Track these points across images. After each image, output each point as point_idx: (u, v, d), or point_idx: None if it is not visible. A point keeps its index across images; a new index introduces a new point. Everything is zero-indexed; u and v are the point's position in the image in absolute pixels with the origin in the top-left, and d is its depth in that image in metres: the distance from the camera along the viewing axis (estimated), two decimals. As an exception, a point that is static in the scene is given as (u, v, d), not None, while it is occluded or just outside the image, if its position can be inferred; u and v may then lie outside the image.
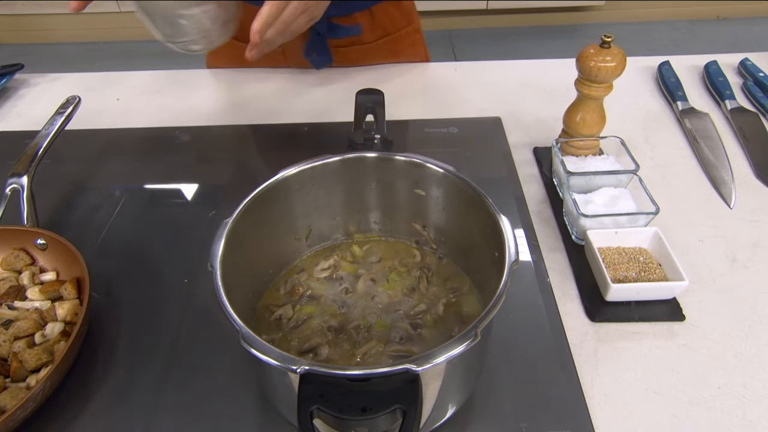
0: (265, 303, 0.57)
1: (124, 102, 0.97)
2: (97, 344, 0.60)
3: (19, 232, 0.65)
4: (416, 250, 0.62)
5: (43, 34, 3.12)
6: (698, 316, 0.60)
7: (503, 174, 0.78)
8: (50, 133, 0.73)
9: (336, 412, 0.37)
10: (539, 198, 0.75)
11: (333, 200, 0.59)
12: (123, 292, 0.66)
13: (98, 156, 0.86)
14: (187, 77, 1.03)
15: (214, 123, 0.91)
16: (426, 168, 0.55)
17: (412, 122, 0.88)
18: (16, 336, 0.57)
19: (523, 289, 0.63)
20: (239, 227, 0.50)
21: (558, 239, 0.69)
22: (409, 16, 1.04)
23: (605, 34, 0.67)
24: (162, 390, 0.55)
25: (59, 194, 0.79)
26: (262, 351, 0.39)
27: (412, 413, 0.37)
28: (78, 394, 0.56)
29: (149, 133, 0.89)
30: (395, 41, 1.03)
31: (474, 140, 0.85)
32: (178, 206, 0.78)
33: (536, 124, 0.88)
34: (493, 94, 0.95)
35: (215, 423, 0.52)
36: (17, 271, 0.64)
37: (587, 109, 0.72)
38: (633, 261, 0.63)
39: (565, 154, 0.75)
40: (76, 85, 1.00)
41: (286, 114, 0.92)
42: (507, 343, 0.58)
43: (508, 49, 3.07)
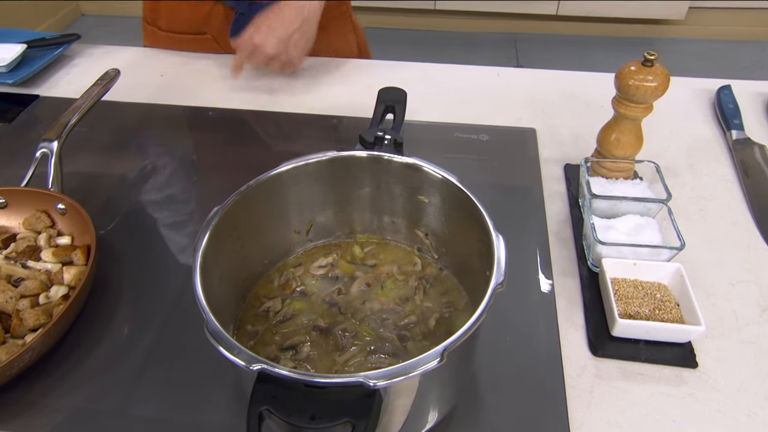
0: (257, 293, 0.57)
1: (167, 78, 0.99)
2: (97, 311, 0.62)
3: (43, 195, 0.67)
4: (417, 258, 0.60)
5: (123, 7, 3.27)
6: (713, 366, 0.56)
7: (527, 188, 0.75)
8: (85, 102, 0.75)
9: (285, 416, 0.36)
10: (561, 217, 0.71)
11: (335, 197, 0.58)
12: (130, 264, 0.67)
13: (131, 129, 0.89)
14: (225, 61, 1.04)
15: (246, 107, 0.91)
16: (424, 172, 0.53)
17: (441, 125, 0.86)
18: (23, 294, 0.59)
19: (525, 310, 0.60)
20: (234, 214, 0.50)
21: (573, 263, 0.65)
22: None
23: (648, 52, 0.62)
24: (150, 360, 0.57)
25: (88, 162, 0.82)
26: (222, 343, 0.39)
27: (361, 428, 0.35)
28: (72, 355, 0.58)
29: (183, 111, 0.91)
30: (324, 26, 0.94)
31: (503, 150, 0.82)
32: (198, 185, 0.80)
33: (573, 140, 0.83)
34: (533, 103, 0.91)
35: (195, 399, 0.53)
36: (37, 231, 0.67)
37: (623, 129, 0.68)
38: (649, 297, 0.59)
39: (595, 174, 0.71)
40: (125, 59, 1.03)
41: (319, 104, 0.91)
42: (499, 364, 0.56)
43: (575, 59, 2.96)
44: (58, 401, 0.54)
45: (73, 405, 0.54)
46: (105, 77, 0.80)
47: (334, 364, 0.51)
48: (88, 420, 0.53)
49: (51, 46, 1.02)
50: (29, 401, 0.54)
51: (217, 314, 0.46)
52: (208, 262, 0.46)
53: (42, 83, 0.98)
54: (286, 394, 0.37)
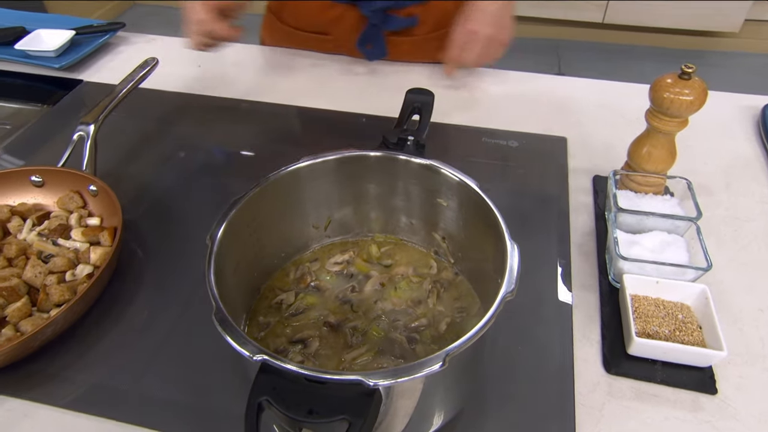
0: (272, 285, 0.58)
1: (204, 70, 1.01)
2: (119, 292, 0.63)
3: (77, 176, 0.70)
4: (434, 261, 0.60)
5: (173, -2, 3.36)
6: (734, 393, 0.54)
7: (553, 198, 0.74)
8: (123, 89, 0.78)
9: (283, 408, 0.36)
10: (586, 230, 0.70)
11: (353, 194, 0.58)
12: (155, 249, 0.69)
13: (166, 116, 0.91)
14: (267, 54, 1.06)
15: (278, 101, 0.93)
16: (441, 175, 0.52)
17: (469, 129, 0.85)
18: (51, 270, 0.62)
19: (541, 321, 0.59)
20: (251, 206, 0.51)
21: (594, 277, 0.64)
22: None
23: (686, 64, 0.60)
24: (166, 343, 0.58)
25: (123, 147, 0.84)
26: (228, 331, 0.40)
27: (357, 426, 0.35)
28: (93, 332, 0.60)
29: (217, 102, 0.93)
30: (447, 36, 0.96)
31: (531, 157, 0.80)
32: (226, 175, 0.81)
33: (604, 151, 0.81)
34: (567, 112, 0.90)
35: (205, 384, 0.54)
36: (69, 211, 0.70)
37: (655, 143, 0.66)
38: (670, 317, 0.57)
39: (624, 187, 0.69)
40: (165, 49, 1.06)
41: (350, 102, 0.92)
42: (509, 373, 0.55)
43: (621, 69, 2.88)
44: (77, 375, 0.56)
45: (90, 380, 0.56)
46: (144, 65, 0.83)
47: (341, 361, 0.51)
48: (104, 396, 0.54)
49: (97, 34, 1.06)
50: (51, 373, 0.56)
51: (229, 303, 0.47)
52: (223, 251, 0.47)
53: (86, 69, 1.02)
54: (286, 386, 0.37)
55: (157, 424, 0.52)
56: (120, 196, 0.74)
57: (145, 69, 0.82)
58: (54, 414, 0.53)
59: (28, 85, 0.99)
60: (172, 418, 0.52)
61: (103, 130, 0.75)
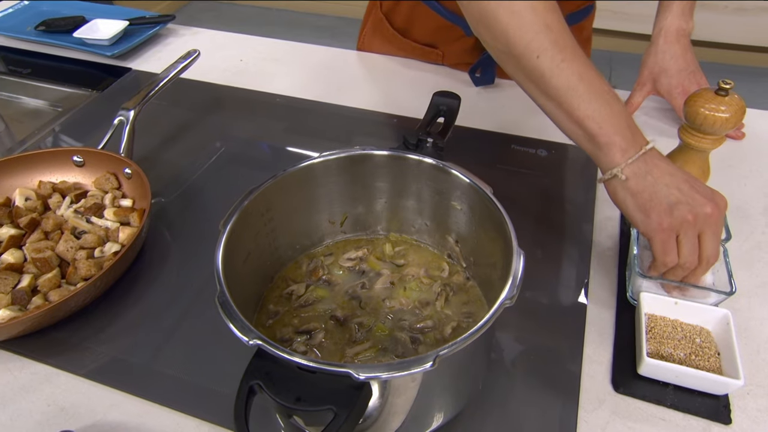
0: (285, 275, 0.59)
1: (246, 64, 1.04)
2: (141, 271, 0.66)
3: (114, 158, 0.73)
4: (446, 264, 0.60)
5: (229, -6, 3.46)
6: (750, 426, 0.51)
7: (578, 210, 0.72)
8: (164, 79, 0.81)
9: (273, 393, 0.37)
10: (609, 244, 0.68)
11: (369, 193, 0.59)
12: (181, 234, 0.72)
13: (205, 107, 0.94)
14: (306, 51, 1.08)
15: (313, 98, 0.94)
16: (452, 177, 0.52)
17: (499, 135, 0.85)
18: (82, 246, 0.65)
19: (551, 333, 0.58)
20: (267, 196, 0.52)
21: (612, 294, 0.62)
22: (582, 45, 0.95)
23: (724, 80, 0.58)
24: (181, 324, 0.61)
25: (161, 133, 0.88)
26: (228, 314, 0.41)
27: (342, 417, 0.36)
28: (115, 308, 0.63)
29: (254, 96, 0.96)
30: None
31: (560, 168, 0.79)
32: (258, 167, 0.84)
33: (637, 166, 0.79)
34: (602, 124, 0.88)
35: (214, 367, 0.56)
36: (105, 191, 0.73)
37: (687, 160, 0.64)
38: (687, 340, 0.55)
39: (652, 204, 0.67)
40: (211, 42, 1.10)
41: (383, 102, 0.93)
42: (512, 380, 0.54)
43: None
44: (98, 347, 0.59)
45: (109, 353, 0.58)
46: (186, 57, 0.86)
47: (344, 355, 0.52)
48: (120, 369, 0.57)
49: (149, 25, 1.11)
50: (74, 343, 0.59)
51: (238, 289, 0.49)
52: (236, 238, 0.48)
53: (136, 58, 1.07)
54: (279, 372, 0.38)
55: (166, 400, 0.54)
56: (153, 181, 0.77)
57: (186, 60, 0.85)
58: (73, 381, 0.56)
59: (81, 71, 1.04)
60: (180, 397, 0.54)
61: (143, 116, 0.78)
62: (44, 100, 1.00)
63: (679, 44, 0.82)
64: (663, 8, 0.83)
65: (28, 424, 0.53)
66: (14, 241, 0.66)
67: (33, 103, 1.01)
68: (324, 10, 3.32)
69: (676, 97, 0.82)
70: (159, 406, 0.54)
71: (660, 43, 0.83)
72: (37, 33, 1.12)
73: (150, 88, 0.80)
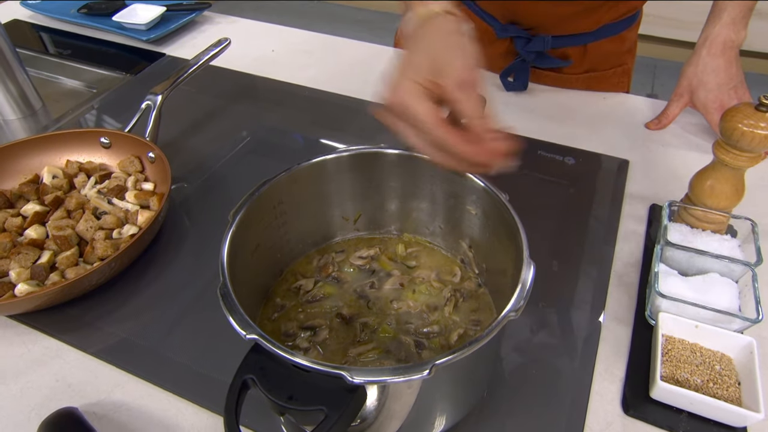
0: (294, 269, 0.59)
1: (277, 54, 1.05)
2: (157, 256, 0.67)
3: (138, 142, 0.74)
4: (459, 269, 0.58)
5: (274, -15, 3.49)
6: (766, 461, 0.49)
7: (602, 221, 0.70)
8: (193, 65, 0.82)
9: (265, 389, 0.37)
10: (631, 260, 0.66)
11: (384, 192, 0.58)
12: (200, 221, 0.73)
13: (233, 95, 0.95)
14: (339, 45, 1.08)
15: (340, 92, 0.94)
16: (466, 179, 0.51)
17: (526, 140, 0.82)
18: (101, 227, 0.66)
19: (563, 347, 0.57)
20: (279, 189, 0.52)
21: (630, 311, 0.60)
22: (623, 56, 0.94)
23: (765, 95, 0.55)
24: (190, 311, 0.61)
25: (189, 119, 0.89)
26: (228, 306, 0.41)
27: (333, 419, 0.35)
28: (128, 290, 0.64)
29: (282, 87, 0.96)
30: (598, 78, 0.93)
31: (586, 177, 0.77)
32: (282, 158, 0.84)
33: (669, 180, 0.76)
34: (636, 134, 0.85)
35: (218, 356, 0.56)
36: (128, 173, 0.74)
37: (720, 177, 0.61)
38: (706, 366, 0.52)
39: (681, 221, 0.64)
40: (245, 30, 1.11)
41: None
42: (517, 393, 0.53)
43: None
44: (109, 327, 0.60)
45: (119, 334, 0.59)
46: (216, 44, 0.86)
47: (346, 355, 0.51)
48: (128, 350, 0.58)
49: (185, 11, 1.12)
50: (86, 321, 0.61)
51: (245, 280, 0.49)
52: (246, 228, 0.48)
53: (171, 43, 1.08)
54: (273, 368, 0.38)
55: (169, 385, 0.54)
56: (177, 167, 0.78)
57: (216, 48, 0.85)
58: (82, 358, 0.57)
59: (117, 54, 1.06)
60: (183, 383, 0.54)
61: (173, 102, 0.79)
62: (81, 81, 1.03)
63: (723, 57, 0.77)
64: (713, 14, 0.79)
65: (35, 397, 0.54)
66: (38, 217, 0.68)
67: (70, 83, 1.03)
68: (364, 4, 3.31)
69: (712, 112, 0.78)
70: (162, 389, 0.54)
71: (703, 54, 0.79)
72: (80, 15, 1.15)
73: (179, 74, 0.80)
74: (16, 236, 0.66)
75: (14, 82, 0.91)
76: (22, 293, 0.59)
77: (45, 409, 0.53)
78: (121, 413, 0.53)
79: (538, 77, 0.94)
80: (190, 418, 0.52)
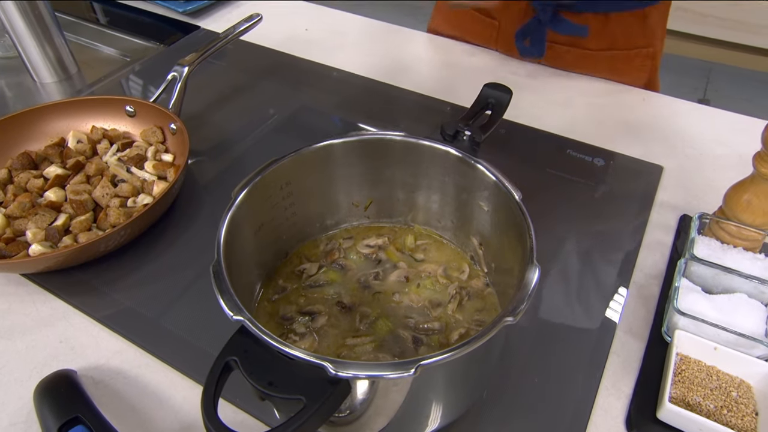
0: (300, 252, 0.58)
1: (310, 33, 1.03)
2: (167, 228, 0.67)
3: (162, 113, 0.74)
4: (467, 266, 0.56)
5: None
6: (777, 499, 0.45)
7: (626, 228, 0.66)
8: (222, 40, 0.81)
9: (246, 372, 0.36)
10: (653, 272, 0.62)
11: (395, 180, 0.56)
12: (216, 196, 0.72)
13: (262, 72, 0.94)
14: (373, 28, 1.06)
15: (369, 75, 0.92)
16: (477, 172, 0.48)
17: (556, 137, 0.79)
18: (117, 194, 0.67)
19: (569, 355, 0.54)
20: (287, 169, 0.51)
21: (646, 325, 0.57)
22: (650, 36, 0.89)
23: (815, 107, 0.50)
24: (194, 285, 0.61)
25: (215, 93, 0.88)
26: (219, 287, 0.40)
27: (311, 409, 0.34)
28: (138, 258, 0.64)
29: (310, 66, 0.95)
30: (621, 59, 0.89)
31: (615, 181, 0.73)
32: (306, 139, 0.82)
33: (704, 191, 0.72)
34: (674, 140, 0.80)
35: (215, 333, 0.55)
36: (149, 143, 0.75)
37: (758, 191, 0.57)
38: (721, 391, 0.49)
39: (711, 235, 0.61)
40: (281, 7, 1.10)
41: (438, 87, 0.89)
42: (515, 399, 0.51)
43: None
44: (115, 294, 0.61)
45: (124, 301, 0.60)
46: (247, 20, 0.86)
47: (342, 344, 0.50)
48: (131, 319, 0.58)
49: (223, -15, 1.12)
50: (94, 286, 0.61)
51: (243, 260, 0.48)
52: (249, 207, 0.48)
53: (206, 17, 1.08)
54: (257, 352, 0.37)
55: (167, 357, 0.55)
56: (200, 140, 0.78)
57: (246, 24, 0.85)
58: (86, 323, 0.58)
59: (153, 25, 1.07)
60: (181, 356, 0.54)
61: (202, 75, 0.79)
62: (116, 48, 1.04)
63: None
64: None
65: (38, 356, 0.55)
66: (59, 180, 0.69)
67: (106, 50, 1.05)
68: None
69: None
70: (159, 361, 0.54)
71: None
72: (121, -16, 1.16)
73: (207, 47, 0.80)
74: (36, 197, 0.67)
75: (52, 46, 0.93)
76: (35, 253, 0.60)
77: (47, 368, 0.54)
78: (118, 380, 0.53)
79: (557, 54, 0.90)
80: (184, 392, 0.52)
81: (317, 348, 0.50)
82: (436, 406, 0.45)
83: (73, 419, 0.45)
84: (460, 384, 0.45)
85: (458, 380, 0.44)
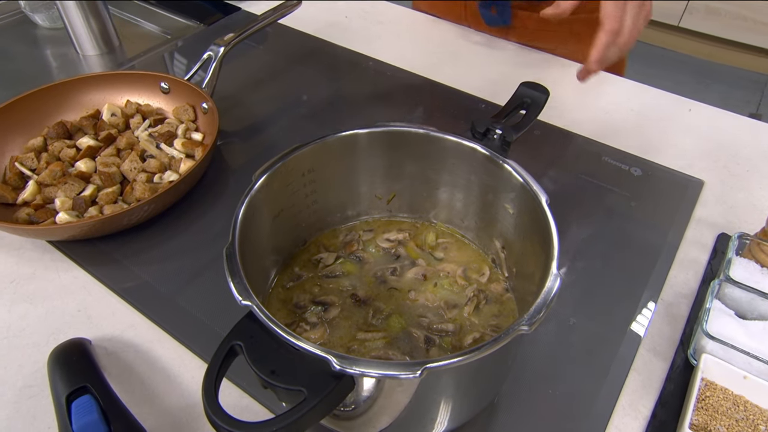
0: (319, 240, 0.57)
1: (350, 21, 1.02)
2: (196, 206, 0.68)
3: (195, 91, 0.75)
4: (488, 268, 0.55)
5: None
6: None
7: (659, 242, 0.63)
8: (259, 23, 0.81)
9: (250, 358, 0.36)
10: (684, 291, 0.59)
11: (419, 175, 0.55)
12: (245, 175, 0.72)
13: (298, 57, 0.93)
14: (413, 19, 1.04)
15: (403, 66, 0.91)
16: (504, 172, 0.47)
17: (593, 143, 0.76)
18: (144, 169, 0.67)
19: (587, 370, 0.52)
20: (310, 157, 0.50)
21: (672, 346, 0.54)
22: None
23: None
24: (211, 265, 0.61)
25: (251, 75, 0.88)
26: (230, 270, 0.39)
27: (311, 402, 0.34)
28: (160, 234, 0.65)
29: (347, 55, 0.94)
30: (583, 23, 0.86)
31: (652, 192, 0.70)
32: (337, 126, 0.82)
33: (746, 210, 0.68)
34: (718, 153, 0.76)
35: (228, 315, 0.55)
36: (180, 121, 0.75)
37: (806, 215, 0.53)
38: (748, 423, 0.47)
39: (751, 257, 0.57)
40: (323, -6, 1.09)
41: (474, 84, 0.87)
42: (526, 411, 0.49)
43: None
44: (134, 267, 0.61)
45: (142, 276, 0.60)
46: (285, 4, 0.85)
47: (353, 338, 0.49)
48: (148, 294, 0.59)
49: (267, -32, 1.11)
50: (115, 258, 0.62)
51: (259, 244, 0.48)
52: (270, 192, 0.47)
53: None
54: (263, 339, 0.37)
55: (178, 334, 0.55)
56: (232, 121, 0.79)
57: (284, 8, 0.84)
58: (104, 294, 0.59)
59: (195, 4, 1.08)
60: (192, 335, 0.55)
61: (239, 56, 0.79)
62: (158, 25, 1.05)
63: None
64: None
65: (56, 322, 0.56)
66: (91, 151, 0.70)
67: (148, 26, 1.06)
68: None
69: None
70: (171, 337, 0.55)
71: None
72: (167, -38, 1.17)
73: (245, 28, 0.80)
74: (67, 166, 0.68)
75: (97, 19, 0.94)
76: (61, 221, 0.61)
77: (62, 334, 0.55)
78: (129, 353, 0.53)
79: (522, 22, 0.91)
80: (192, 371, 0.52)
81: (328, 339, 0.49)
82: (444, 409, 0.44)
83: (81, 388, 0.46)
84: (470, 389, 0.44)
85: (467, 385, 0.43)
